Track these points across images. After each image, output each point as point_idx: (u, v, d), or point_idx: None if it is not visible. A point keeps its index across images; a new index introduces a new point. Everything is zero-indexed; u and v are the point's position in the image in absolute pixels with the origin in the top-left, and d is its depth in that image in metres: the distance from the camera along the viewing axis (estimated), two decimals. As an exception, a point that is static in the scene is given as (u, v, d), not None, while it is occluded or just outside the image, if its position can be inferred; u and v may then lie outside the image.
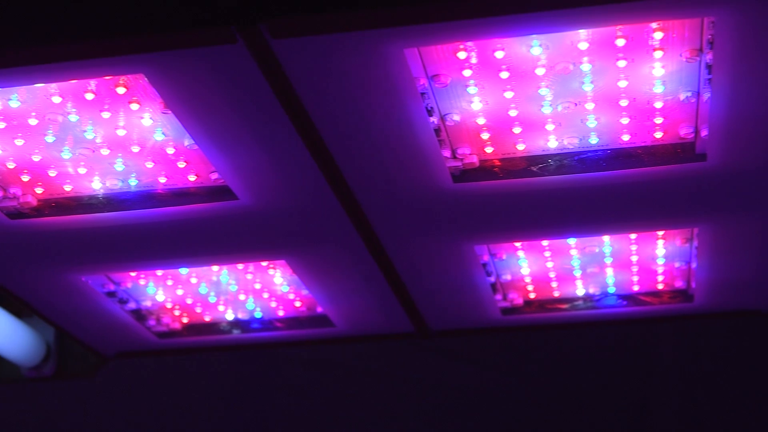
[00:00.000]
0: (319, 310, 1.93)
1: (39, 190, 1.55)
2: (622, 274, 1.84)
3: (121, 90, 1.36)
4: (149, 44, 1.23)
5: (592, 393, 2.73)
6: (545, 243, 1.76)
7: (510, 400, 2.75)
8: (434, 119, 1.41)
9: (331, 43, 1.24)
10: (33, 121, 1.42)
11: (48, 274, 1.77)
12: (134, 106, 1.40)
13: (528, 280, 1.85)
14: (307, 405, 2.85)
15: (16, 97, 1.38)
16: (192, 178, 1.52)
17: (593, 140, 1.47)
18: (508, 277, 1.84)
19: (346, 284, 1.80)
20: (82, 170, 1.51)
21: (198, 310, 1.95)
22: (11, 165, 1.50)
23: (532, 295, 1.90)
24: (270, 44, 1.23)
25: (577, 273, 1.83)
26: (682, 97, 1.39)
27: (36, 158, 1.49)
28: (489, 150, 1.48)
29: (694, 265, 1.79)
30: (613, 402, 2.75)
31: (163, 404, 2.85)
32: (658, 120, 1.43)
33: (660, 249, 1.77)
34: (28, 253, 1.70)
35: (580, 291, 1.89)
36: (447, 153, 1.47)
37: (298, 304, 1.93)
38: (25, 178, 1.52)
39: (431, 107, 1.39)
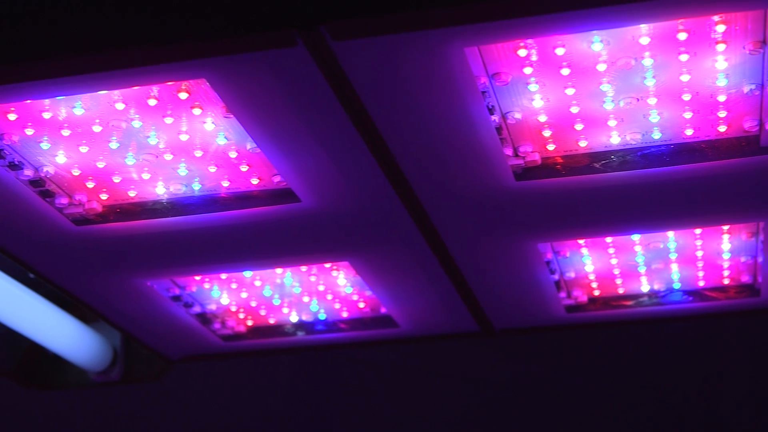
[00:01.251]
0: (383, 310, 1.93)
1: (104, 197, 1.56)
2: (688, 270, 1.83)
3: (183, 95, 1.37)
4: (210, 49, 1.24)
5: (657, 389, 2.72)
6: (609, 240, 1.75)
7: (575, 398, 2.74)
8: (495, 118, 1.40)
9: (392, 43, 1.24)
10: (97, 128, 1.43)
11: (114, 279, 1.78)
12: (196, 111, 1.41)
13: (592, 277, 1.84)
14: (372, 406, 2.85)
15: (80, 105, 1.40)
16: (254, 181, 1.53)
17: (656, 135, 1.46)
18: (572, 274, 1.83)
19: (410, 284, 1.80)
20: (146, 176, 1.52)
21: (262, 312, 1.96)
22: (76, 172, 1.51)
23: (596, 293, 1.89)
24: (330, 46, 1.23)
25: (642, 269, 1.82)
26: (745, 89, 1.38)
27: (100, 165, 1.50)
28: (551, 147, 1.48)
29: (760, 259, 1.77)
30: (679, 399, 2.73)
31: (228, 407, 2.86)
32: (722, 113, 1.42)
33: (725, 244, 1.75)
34: (93, 259, 1.72)
35: (645, 287, 1.88)
36: (509, 151, 1.46)
37: (361, 305, 1.93)
38: (90, 185, 1.54)
39: (492, 106, 1.38)
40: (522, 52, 1.32)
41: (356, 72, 1.29)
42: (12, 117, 1.41)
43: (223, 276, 1.85)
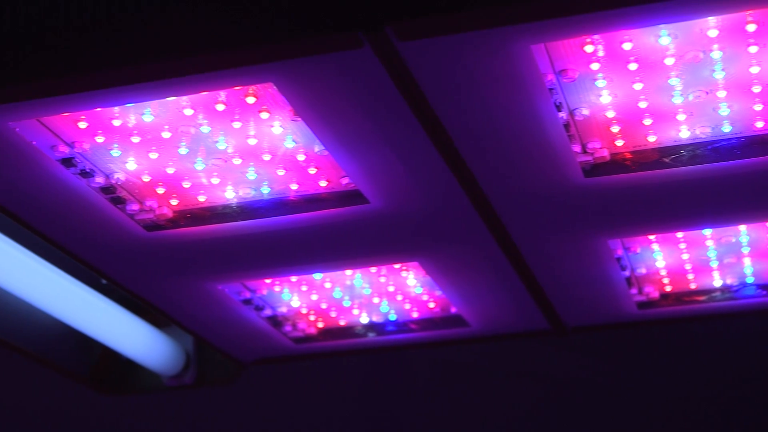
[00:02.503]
0: (453, 310, 1.93)
1: (174, 202, 1.57)
2: (761, 264, 1.81)
3: (250, 99, 1.38)
4: (277, 53, 1.24)
5: (732, 385, 2.69)
6: (680, 235, 1.73)
7: (648, 395, 2.72)
8: (563, 114, 1.40)
9: (458, 43, 1.24)
10: (166, 134, 1.44)
11: (185, 283, 1.80)
12: (264, 115, 1.41)
13: (663, 273, 1.83)
14: (443, 406, 2.85)
15: (149, 112, 1.41)
16: (323, 183, 1.53)
17: (726, 128, 1.44)
18: (643, 270, 1.82)
19: (480, 283, 1.80)
20: (215, 180, 1.53)
21: (333, 314, 1.96)
22: (146, 178, 1.53)
23: (668, 288, 1.87)
24: (396, 47, 1.23)
25: (714, 264, 1.80)
26: (816, 80, 1.36)
27: (170, 170, 1.51)
28: (619, 143, 1.47)
29: (836, 250, 1.75)
30: (754, 394, 2.70)
31: (300, 409, 2.87)
32: (793, 105, 1.40)
33: (799, 236, 1.73)
34: (165, 264, 1.73)
35: (717, 282, 1.86)
36: (577, 148, 1.46)
37: (431, 305, 1.93)
38: (160, 191, 1.55)
39: (560, 102, 1.38)
40: (589, 48, 1.32)
41: (423, 72, 1.29)
42: (83, 125, 1.42)
43: (294, 278, 1.85)
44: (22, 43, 1.29)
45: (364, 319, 1.97)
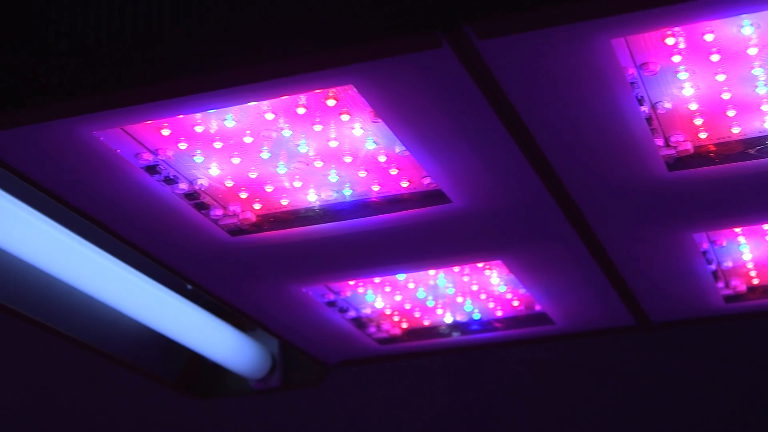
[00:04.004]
0: (538, 308, 1.92)
1: (257, 206, 1.58)
2: None
3: (331, 102, 1.39)
4: (357, 55, 1.24)
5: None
6: (767, 226, 1.71)
7: (738, 390, 2.69)
8: (645, 108, 1.39)
9: (537, 39, 1.23)
10: (248, 139, 1.45)
11: (269, 287, 1.81)
12: (344, 117, 1.42)
13: (750, 266, 1.81)
14: (530, 405, 2.84)
15: (230, 117, 1.42)
16: (404, 184, 1.53)
17: (812, 117, 1.42)
18: (729, 263, 1.80)
19: (564, 280, 1.79)
20: (297, 184, 1.54)
21: (417, 314, 1.96)
22: (229, 183, 1.54)
23: (755, 281, 1.85)
24: (476, 45, 1.23)
25: (803, 255, 1.78)
26: None
27: (252, 175, 1.52)
28: (703, 135, 1.45)
29: None
30: None
31: (386, 410, 2.88)
32: None
33: None
34: (249, 268, 1.74)
35: (807, 273, 1.83)
36: (660, 141, 1.45)
37: (516, 303, 1.93)
38: (243, 195, 1.56)
39: (641, 96, 1.37)
40: (670, 41, 1.30)
41: (502, 70, 1.28)
42: (165, 132, 1.44)
43: (377, 280, 1.86)
44: (105, 54, 1.31)
45: (448, 319, 1.97)
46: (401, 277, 1.85)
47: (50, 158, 1.44)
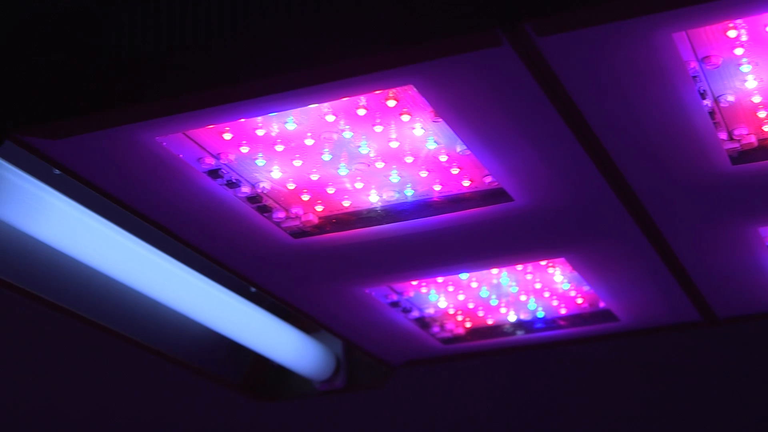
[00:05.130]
0: (602, 305, 1.91)
1: (319, 208, 1.59)
2: None
3: (391, 103, 1.39)
4: (417, 55, 1.24)
5: None
6: (834, 218, 1.69)
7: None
8: (708, 102, 1.38)
9: (597, 35, 1.23)
10: (309, 142, 1.46)
11: (333, 288, 1.81)
12: (405, 118, 1.42)
13: (817, 258, 1.79)
14: (595, 402, 2.82)
15: (291, 120, 1.42)
16: (466, 183, 1.53)
17: None
18: (795, 257, 1.78)
19: (628, 277, 1.78)
20: (358, 185, 1.54)
21: (480, 313, 1.96)
22: (291, 186, 1.54)
23: (823, 274, 1.83)
24: (536, 42, 1.23)
25: None
26: None
27: (314, 177, 1.53)
28: (767, 128, 1.44)
29: None
30: None
31: (451, 409, 2.87)
32: None
33: None
34: (312, 270, 1.75)
35: None
36: (723, 135, 1.43)
37: (579, 300, 1.92)
38: (305, 197, 1.57)
39: (704, 90, 1.36)
40: (732, 33, 1.29)
41: (562, 66, 1.28)
42: (227, 136, 1.45)
43: (440, 279, 1.85)
44: (166, 60, 1.32)
45: (512, 318, 1.96)
46: (464, 276, 1.85)
47: (114, 164, 1.46)
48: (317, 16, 1.26)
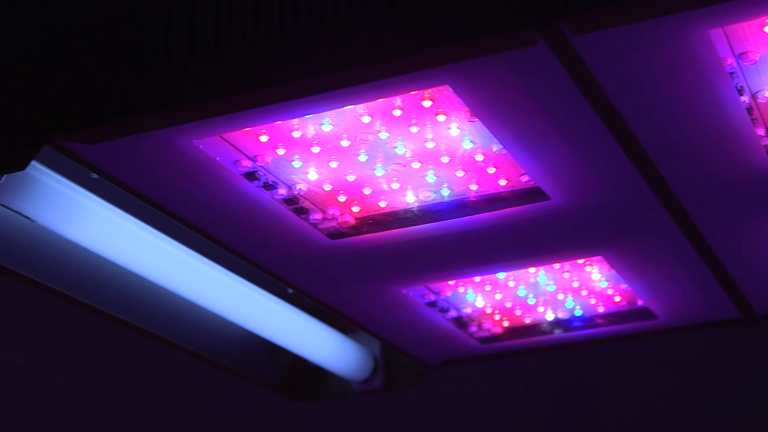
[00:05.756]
0: (640, 303, 1.91)
1: (356, 209, 1.59)
2: None
3: (427, 103, 1.39)
4: (452, 55, 1.24)
5: None
6: None
7: None
8: (745, 98, 1.37)
9: (633, 32, 1.22)
10: (345, 143, 1.46)
11: (370, 289, 1.81)
12: (441, 118, 1.42)
13: None
14: (634, 400, 2.82)
15: (327, 122, 1.43)
16: (502, 182, 1.53)
17: None
18: (836, 252, 1.77)
19: (666, 274, 1.77)
20: (395, 185, 1.54)
21: (518, 312, 1.96)
22: (328, 187, 1.55)
23: None
24: (571, 41, 1.22)
25: None
26: None
27: (350, 178, 1.53)
28: (806, 123, 1.43)
29: None
30: None
31: (490, 408, 2.87)
32: None
33: None
34: (349, 271, 1.75)
35: None
36: (761, 131, 1.43)
37: (617, 298, 1.91)
38: (342, 199, 1.57)
39: (741, 86, 1.35)
40: (769, 28, 1.29)
41: (598, 64, 1.28)
42: (263, 139, 1.45)
43: (477, 279, 1.85)
44: (201, 62, 1.32)
45: (550, 316, 1.96)
46: (501, 275, 1.85)
47: (151, 168, 1.46)
48: (352, 17, 1.26)
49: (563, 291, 1.90)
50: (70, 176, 1.56)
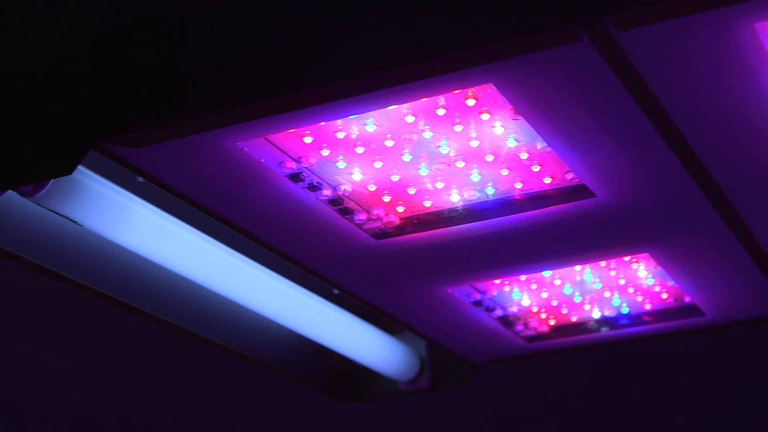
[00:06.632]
0: (687, 300, 1.89)
1: (400, 209, 1.59)
2: None
3: (470, 102, 1.39)
4: (497, 53, 1.24)
5: None
6: None
7: None
8: (792, 91, 1.36)
9: (677, 27, 1.22)
10: (389, 143, 1.46)
11: (415, 289, 1.81)
12: (485, 116, 1.41)
13: None
14: (683, 397, 2.80)
15: (371, 122, 1.43)
16: (547, 180, 1.52)
17: None
18: None
19: (714, 271, 1.76)
20: (439, 185, 1.54)
21: (564, 311, 1.95)
22: (372, 187, 1.55)
23: None
24: (615, 37, 1.22)
25: None
26: None
27: (395, 178, 1.53)
28: None
29: None
30: None
31: (537, 408, 2.86)
32: None
33: None
34: (394, 271, 1.75)
35: None
36: (809, 125, 1.41)
37: (664, 295, 1.90)
38: (386, 199, 1.57)
39: (787, 79, 1.34)
40: (816, 21, 1.27)
41: (643, 60, 1.27)
42: (308, 140, 1.45)
43: (523, 277, 1.85)
44: (246, 66, 1.33)
45: (596, 314, 1.95)
46: (547, 274, 1.84)
47: (196, 171, 1.47)
48: (395, 17, 1.26)
49: (609, 289, 1.89)
50: (116, 180, 1.56)
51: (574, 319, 1.97)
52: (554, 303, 1.93)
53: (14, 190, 1.48)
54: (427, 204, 1.58)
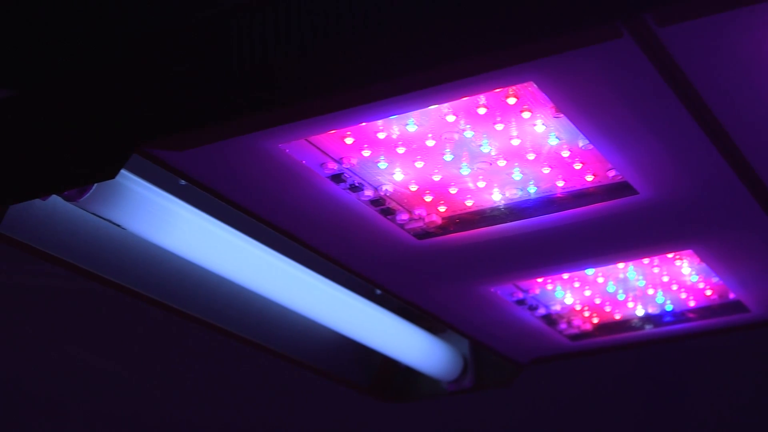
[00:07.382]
0: (732, 296, 1.88)
1: (442, 209, 1.59)
2: None
3: (511, 100, 1.38)
4: (537, 51, 1.24)
5: None
6: None
7: None
8: (836, 85, 1.35)
9: (719, 22, 1.21)
10: (430, 143, 1.46)
11: (458, 288, 1.81)
12: (526, 115, 1.41)
13: None
14: (729, 395, 2.78)
15: (412, 122, 1.43)
16: (589, 178, 1.52)
17: None
18: None
19: (758, 267, 1.75)
20: (481, 184, 1.54)
21: (607, 309, 1.94)
22: (414, 187, 1.55)
23: None
24: (657, 33, 1.21)
25: None
26: None
27: (436, 178, 1.53)
28: None
29: None
30: None
31: (581, 406, 2.86)
32: None
33: None
34: (437, 271, 1.75)
35: None
36: None
37: (708, 292, 1.89)
38: (428, 198, 1.57)
39: (832, 73, 1.33)
40: None
41: (685, 56, 1.26)
42: (349, 141, 1.45)
43: (565, 276, 1.84)
44: (287, 68, 1.33)
45: (640, 312, 1.94)
46: (590, 271, 1.84)
47: (238, 173, 1.47)
48: (435, 15, 1.26)
49: (653, 286, 1.88)
50: (159, 183, 1.57)
51: (617, 317, 1.96)
52: (597, 301, 1.92)
53: (58, 195, 1.49)
54: (469, 203, 1.58)
